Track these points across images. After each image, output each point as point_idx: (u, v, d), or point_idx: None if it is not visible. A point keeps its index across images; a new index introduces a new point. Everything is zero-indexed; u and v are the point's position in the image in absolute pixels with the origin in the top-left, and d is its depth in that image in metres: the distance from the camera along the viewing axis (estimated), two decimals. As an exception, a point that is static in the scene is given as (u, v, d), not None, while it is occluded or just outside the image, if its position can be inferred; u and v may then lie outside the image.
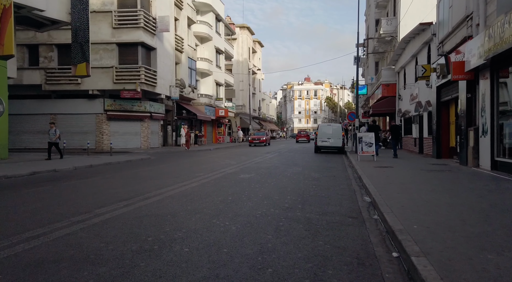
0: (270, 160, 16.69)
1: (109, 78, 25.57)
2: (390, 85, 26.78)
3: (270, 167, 13.32)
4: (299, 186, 8.69)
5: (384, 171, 11.30)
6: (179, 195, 7.36)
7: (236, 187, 8.38)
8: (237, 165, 14.14)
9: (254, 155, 20.57)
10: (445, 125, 15.82)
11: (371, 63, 35.45)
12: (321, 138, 22.59)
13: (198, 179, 9.80)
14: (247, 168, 13.17)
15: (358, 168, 12.42)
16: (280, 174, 11.28)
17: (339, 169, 13.17)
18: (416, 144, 20.71)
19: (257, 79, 66.20)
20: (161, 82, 28.26)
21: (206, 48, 40.55)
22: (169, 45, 29.82)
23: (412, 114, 21.53)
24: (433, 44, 16.95)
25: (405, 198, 6.59)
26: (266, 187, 8.51)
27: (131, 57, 26.00)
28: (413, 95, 21.21)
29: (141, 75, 25.42)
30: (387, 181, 8.84)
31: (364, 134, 15.86)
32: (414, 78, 21.15)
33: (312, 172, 11.79)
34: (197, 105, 38.22)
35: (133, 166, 14.57)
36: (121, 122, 27.25)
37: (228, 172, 11.59)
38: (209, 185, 8.80)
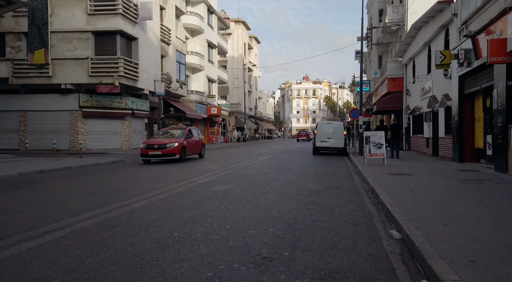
0: (260, 164, 14.07)
1: (84, 71, 22.91)
2: (396, 79, 24.18)
3: (258, 174, 10.70)
4: (290, 207, 6.06)
5: (403, 180, 8.69)
6: (95, 229, 4.70)
7: (197, 210, 5.75)
8: (218, 171, 11.50)
9: (243, 157, 17.93)
10: (469, 123, 13.23)
11: (374, 57, 32.87)
12: (320, 138, 19.97)
13: (152, 194, 7.17)
14: (229, 175, 10.53)
15: (367, 175, 9.81)
16: (267, 184, 8.66)
17: (343, 176, 10.55)
18: (429, 144, 18.11)
19: (253, 77, 63.55)
20: (144, 76, 25.60)
21: (197, 41, 37.89)
22: (154, 35, 27.16)
23: (423, 111, 18.94)
24: (453, 27, 14.36)
25: (462, 236, 3.99)
26: (242, 209, 5.88)
27: (108, 47, 23.33)
28: (425, 89, 18.62)
29: (120, 67, 22.76)
30: (414, 199, 6.22)
31: (372, 134, 13.25)
32: (426, 70, 18.57)
33: (309, 182, 9.17)
34: (187, 102, 35.59)
35: (92, 172, 11.92)
36: (99, 120, 24.60)
37: (201, 182, 8.96)
38: (160, 205, 6.17)
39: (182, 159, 15.47)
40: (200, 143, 18.26)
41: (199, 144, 18.09)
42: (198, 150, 17.93)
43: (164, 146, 15.20)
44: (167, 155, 14.91)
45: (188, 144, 16.43)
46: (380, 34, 28.05)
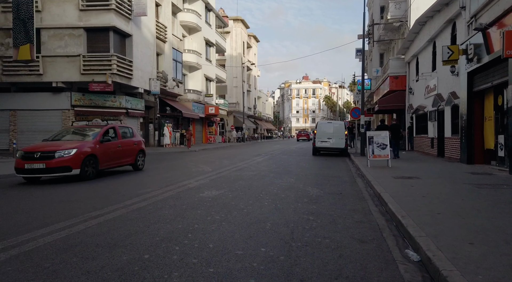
0: (256, 166, 13.29)
1: (75, 69, 22.11)
2: (399, 78, 23.41)
3: (253, 177, 9.92)
4: (286, 217, 5.30)
5: (412, 185, 7.91)
6: (49, 249, 3.89)
7: (179, 222, 4.97)
8: (211, 174, 10.73)
9: (240, 158, 17.16)
10: (478, 122, 12.46)
11: (375, 55, 32.09)
12: (320, 138, 19.20)
13: (132, 202, 6.40)
14: (221, 178, 9.76)
15: (371, 178, 9.05)
16: (263, 189, 7.88)
17: (345, 180, 9.78)
18: (434, 145, 17.34)
19: (252, 76, 62.76)
20: (139, 74, 24.82)
21: (194, 39, 37.13)
22: (149, 32, 26.38)
23: (428, 110, 18.17)
24: (461, 21, 13.59)
25: (498, 261, 3.22)
26: (232, 220, 5.11)
27: (101, 44, 22.54)
28: (429, 87, 17.85)
29: (113, 64, 21.97)
30: (429, 208, 5.45)
31: (376, 134, 12.48)
32: (431, 67, 17.81)
33: (308, 186, 8.40)
34: (184, 101, 34.82)
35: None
36: (92, 120, 23.75)
37: (190, 187, 8.18)
38: (138, 215, 5.40)
39: (87, 175, 9.72)
40: (133, 148, 12.08)
41: (130, 150, 11.93)
42: (129, 159, 11.81)
43: (50, 154, 9.25)
44: (57, 170, 9.19)
45: (104, 150, 10.55)
46: (381, 31, 27.28)
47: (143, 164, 12.84)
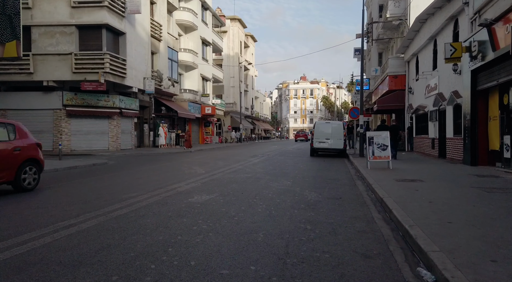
0: (252, 168, 12.77)
1: (67, 67, 21.54)
2: (398, 77, 22.96)
3: (247, 180, 9.40)
4: (281, 227, 4.78)
5: (416, 189, 7.41)
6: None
7: (160, 233, 4.44)
8: (203, 176, 10.20)
9: (235, 159, 16.62)
10: (482, 122, 11.98)
11: (374, 54, 31.64)
12: (318, 139, 18.70)
13: (113, 208, 5.86)
14: (214, 181, 9.23)
15: (372, 181, 8.54)
16: (257, 193, 7.36)
17: (344, 182, 9.27)
18: (435, 146, 16.87)
19: (249, 76, 62.25)
20: (133, 73, 24.26)
21: (190, 38, 36.59)
22: (143, 31, 25.82)
23: (428, 110, 17.70)
24: (463, 17, 13.12)
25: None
26: (220, 230, 4.59)
27: (93, 42, 21.98)
28: (430, 86, 17.39)
29: (106, 63, 21.41)
30: (438, 217, 4.95)
31: (376, 134, 11.98)
32: (431, 65, 17.35)
33: (306, 190, 7.88)
34: (180, 101, 34.26)
35: (63, 177, 10.61)
36: (84, 120, 23.25)
37: (180, 191, 7.65)
38: (116, 225, 4.87)
39: None
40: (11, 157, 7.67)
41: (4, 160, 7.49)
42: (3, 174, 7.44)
43: None
44: None
45: None
46: (380, 30, 26.83)
47: (34, 181, 8.20)
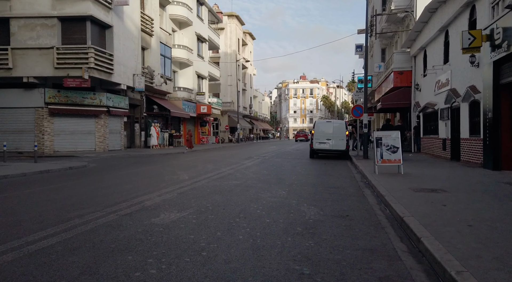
0: (243, 172, 11.29)
1: (49, 62, 20.06)
2: (404, 73, 21.48)
3: (235, 189, 7.91)
4: (266, 272, 3.30)
5: (442, 202, 5.93)
6: None
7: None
8: (184, 184, 8.71)
9: (227, 162, 15.14)
10: (506, 121, 10.51)
11: (377, 50, 30.15)
12: (319, 139, 17.22)
13: (42, 236, 4.37)
14: (194, 190, 7.75)
15: (383, 191, 7.07)
16: (242, 209, 5.89)
17: (350, 192, 7.79)
18: (446, 147, 15.40)
19: (248, 74, 60.75)
20: (121, 69, 22.77)
21: (185, 34, 35.11)
22: (133, 24, 24.34)
23: (439, 107, 16.23)
24: (482, 3, 11.65)
25: None
26: (173, 278, 3.10)
27: (77, 35, 20.49)
28: (440, 82, 15.92)
29: (90, 58, 19.93)
30: (493, 252, 3.48)
31: (385, 134, 10.50)
32: (442, 59, 15.88)
33: (304, 203, 6.41)
34: (174, 100, 32.80)
35: (28, 183, 9.13)
36: (69, 119, 21.79)
37: (147, 205, 6.16)
38: (21, 269, 3.38)
39: None
40: None
41: None
42: None
43: None
44: None
45: None
46: (384, 23, 25.34)
47: None
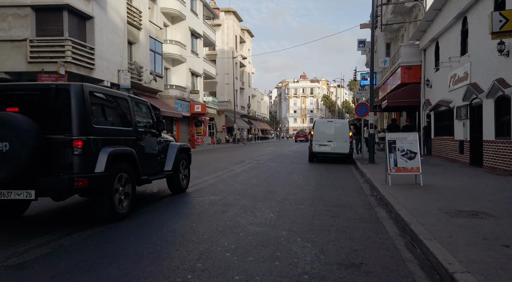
0: (228, 182, 9.41)
1: (21, 56, 18.17)
2: (412, 68, 19.59)
3: (205, 211, 6.03)
4: None
5: (498, 237, 4.06)
6: None
7: None
8: (141, 203, 6.84)
9: (214, 167, 13.27)
10: (547, 119, 8.63)
11: (381, 44, 28.22)
12: (319, 141, 15.35)
13: None
14: (151, 213, 5.87)
15: (406, 216, 5.22)
16: (205, 250, 4.01)
17: (360, 214, 5.91)
18: (464, 150, 13.52)
19: (246, 73, 58.89)
20: (103, 64, 20.90)
21: (178, 29, 33.28)
22: (118, 16, 22.46)
23: (454, 105, 14.35)
24: (514, -20, 9.76)
25: None
26: None
27: (53, 26, 18.61)
28: (457, 76, 14.04)
29: (67, 51, 18.04)
30: None
31: (399, 136, 8.62)
32: (459, 50, 14.01)
33: (297, 236, 4.54)
34: (165, 98, 30.97)
35: None
36: (45, 118, 19.85)
37: (66, 244, 4.29)
38: None
39: None
40: None
41: None
42: None
43: None
44: None
45: None
46: (389, 15, 23.46)
47: None
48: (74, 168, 4.71)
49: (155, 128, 6.85)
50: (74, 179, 4.63)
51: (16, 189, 4.60)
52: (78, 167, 4.74)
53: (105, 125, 5.41)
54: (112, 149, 5.14)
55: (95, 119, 5.09)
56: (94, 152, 4.93)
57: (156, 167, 6.82)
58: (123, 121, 5.88)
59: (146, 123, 6.64)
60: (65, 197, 5.19)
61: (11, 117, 4.48)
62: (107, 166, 4.97)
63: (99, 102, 5.40)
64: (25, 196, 4.60)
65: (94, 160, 4.93)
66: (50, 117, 4.88)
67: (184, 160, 7.83)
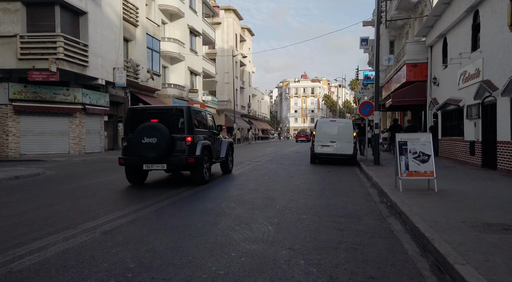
0: (225, 185, 8.68)
1: (11, 53, 17.50)
2: (418, 66, 18.83)
3: (197, 222, 5.29)
4: None
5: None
6: None
7: None
8: (127, 210, 6.12)
9: (212, 169, 12.51)
10: None
11: (384, 42, 27.45)
12: (321, 142, 14.60)
13: None
14: (135, 224, 5.15)
15: (428, 232, 4.49)
16: (190, 276, 3.27)
17: (370, 227, 5.17)
18: (475, 151, 12.77)
19: (246, 72, 58.14)
20: (98, 61, 20.19)
21: (176, 27, 32.53)
22: (113, 12, 21.76)
23: (465, 104, 13.60)
24: (534, -33, 9.00)
25: None
26: None
27: (45, 22, 17.96)
28: (467, 73, 13.29)
29: (59, 47, 17.37)
30: None
31: (411, 137, 7.87)
32: (469, 46, 13.27)
33: (300, 258, 3.81)
34: (163, 97, 30.22)
35: None
36: (37, 117, 19.24)
37: (16, 269, 3.56)
38: None
39: None
40: None
41: None
42: None
43: None
44: None
45: None
46: (394, 11, 22.70)
47: None
48: (186, 152, 8.41)
49: (216, 129, 10.70)
50: (187, 158, 8.34)
51: (157, 164, 8.30)
52: (188, 152, 8.44)
53: (198, 128, 9.06)
54: (203, 142, 8.90)
55: (194, 125, 8.79)
56: (195, 143, 8.60)
57: (217, 154, 10.49)
58: (204, 126, 9.64)
59: (212, 127, 10.35)
60: (181, 169, 9.48)
61: (157, 124, 8.21)
62: (201, 151, 8.66)
63: (195, 116, 9.07)
64: (161, 168, 8.46)
65: (195, 148, 8.58)
66: (174, 124, 8.48)
67: (230, 151, 11.54)
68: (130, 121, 8.70)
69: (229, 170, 11.39)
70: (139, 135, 8.15)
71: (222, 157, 10.76)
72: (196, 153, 8.47)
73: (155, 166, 8.30)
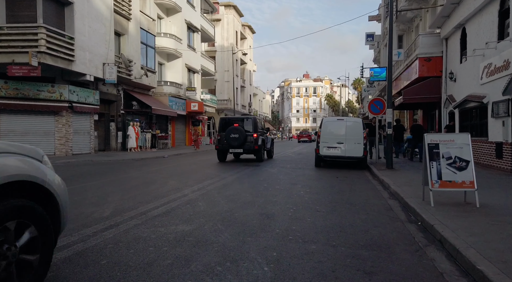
0: (213, 198, 7.20)
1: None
2: (432, 60, 17.31)
3: (165, 254, 3.80)
4: None
5: None
6: None
7: None
8: (78, 237, 4.64)
9: (202, 175, 11.04)
10: None
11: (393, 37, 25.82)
12: (327, 143, 13.09)
13: None
14: (87, 253, 3.66)
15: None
16: None
17: (409, 268, 3.67)
18: (503, 154, 11.25)
19: (247, 70, 56.63)
20: (85, 56, 18.74)
21: (173, 22, 31.08)
22: (102, 3, 20.30)
23: (489, 100, 12.08)
24: None
25: None
26: None
27: (26, 12, 16.50)
28: (492, 66, 11.76)
29: (41, 40, 15.93)
30: None
31: (443, 138, 6.36)
32: (495, 36, 11.76)
33: None
34: (159, 95, 28.79)
35: None
36: (19, 116, 17.81)
37: None
38: None
39: None
40: None
41: None
42: None
43: None
44: None
45: None
46: (404, 3, 21.15)
47: None
48: (253, 143, 14.68)
49: (265, 130, 16.63)
50: (254, 146, 14.69)
51: (238, 149, 14.69)
52: (255, 143, 14.74)
53: (258, 129, 15.36)
54: (261, 137, 15.26)
55: (257, 127, 15.33)
56: (257, 138, 14.81)
57: (266, 146, 16.36)
58: (261, 128, 16.25)
59: (262, 126, 16.58)
60: (250, 153, 15.24)
61: (238, 127, 14.66)
62: (261, 142, 15.07)
63: (257, 120, 15.85)
64: (240, 150, 14.87)
65: (258, 140, 14.80)
66: (247, 127, 14.95)
67: (273, 144, 18.15)
68: (221, 125, 15.51)
69: (271, 156, 17.98)
70: (228, 132, 14.52)
71: (268, 147, 17.06)
72: (258, 143, 14.77)
73: (236, 150, 14.75)
